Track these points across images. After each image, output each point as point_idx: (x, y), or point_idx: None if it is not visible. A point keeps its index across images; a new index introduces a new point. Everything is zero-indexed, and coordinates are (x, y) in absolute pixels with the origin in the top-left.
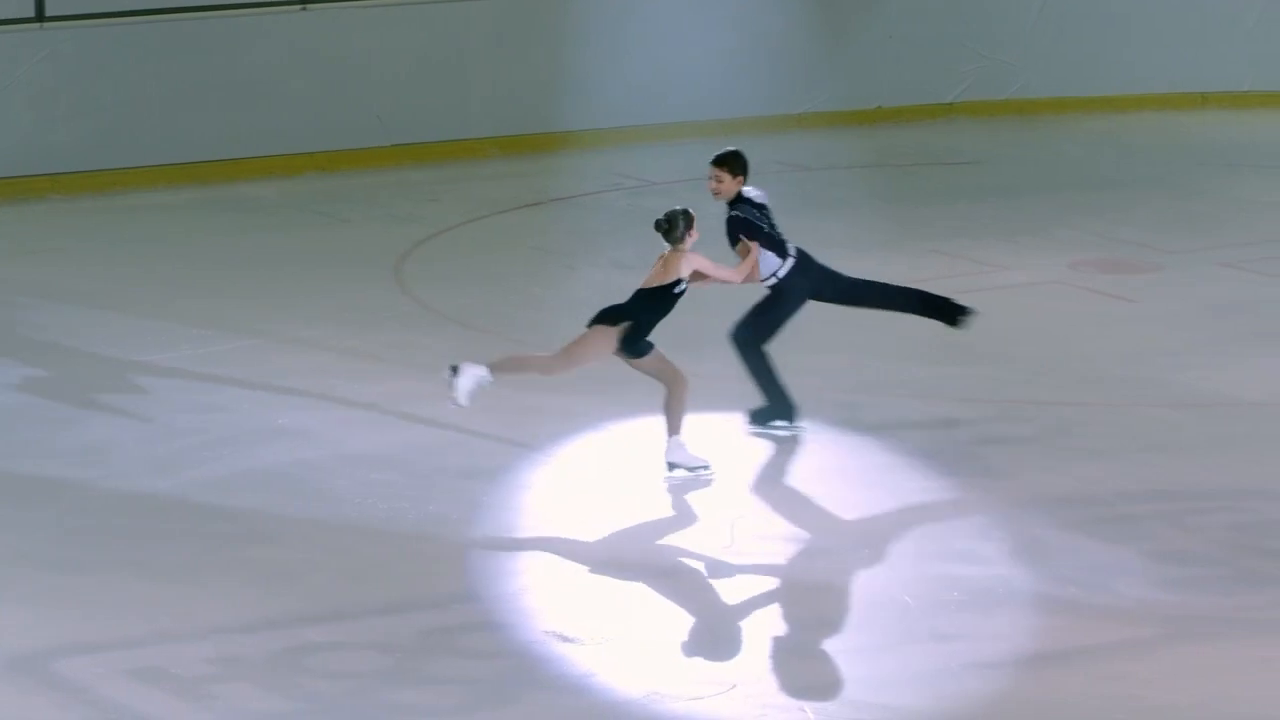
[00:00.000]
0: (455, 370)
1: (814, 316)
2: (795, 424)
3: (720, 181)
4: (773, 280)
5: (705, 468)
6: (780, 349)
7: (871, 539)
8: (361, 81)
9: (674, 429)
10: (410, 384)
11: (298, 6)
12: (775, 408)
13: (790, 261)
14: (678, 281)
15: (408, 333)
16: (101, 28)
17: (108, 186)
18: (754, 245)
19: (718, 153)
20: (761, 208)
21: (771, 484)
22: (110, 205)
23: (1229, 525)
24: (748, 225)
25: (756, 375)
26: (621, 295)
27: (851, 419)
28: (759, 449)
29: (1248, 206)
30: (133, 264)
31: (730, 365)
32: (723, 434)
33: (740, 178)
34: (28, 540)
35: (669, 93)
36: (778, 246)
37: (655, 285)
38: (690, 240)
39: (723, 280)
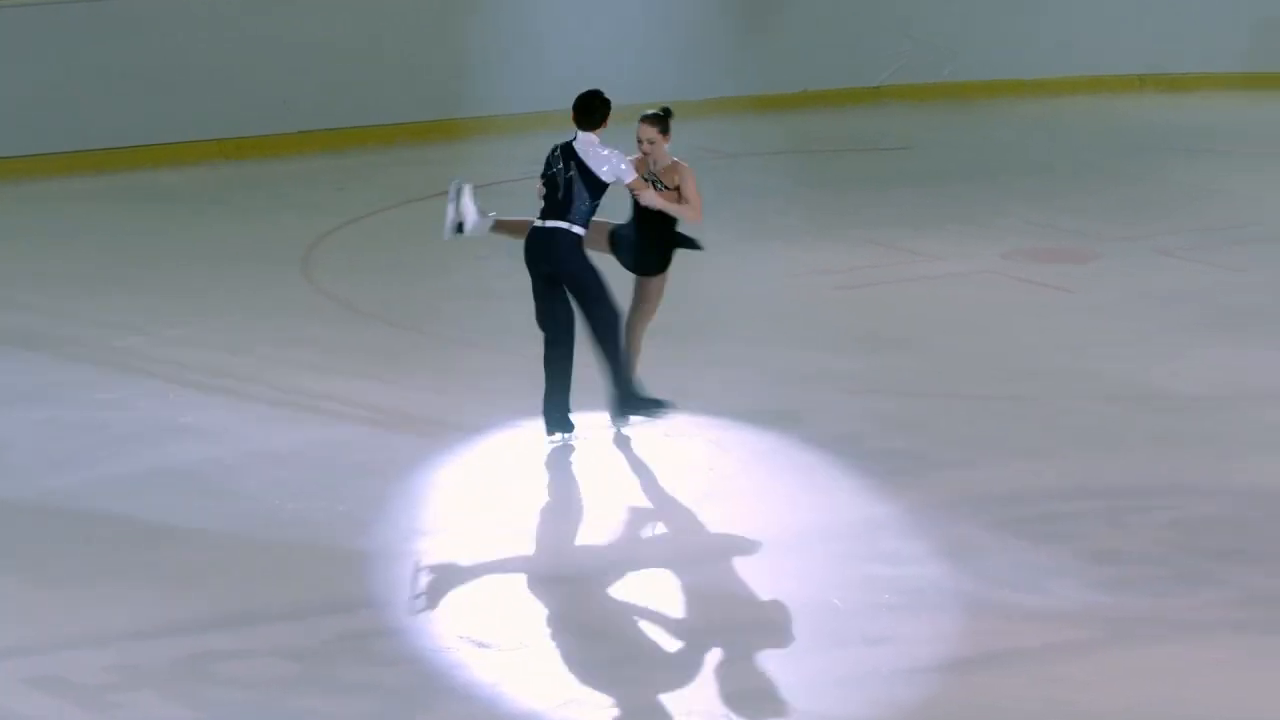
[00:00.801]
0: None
1: (738, 310)
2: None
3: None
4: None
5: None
6: (706, 341)
7: (797, 539)
8: (268, 65)
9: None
10: (318, 379)
11: None
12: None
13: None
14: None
15: (316, 326)
16: (6, 8)
17: (6, 175)
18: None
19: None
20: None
21: (693, 484)
22: (7, 194)
23: (1166, 523)
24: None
25: (618, 359)
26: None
27: (775, 413)
28: (679, 447)
29: (1188, 192)
30: (30, 255)
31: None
32: (643, 432)
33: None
34: None
35: (584, 77)
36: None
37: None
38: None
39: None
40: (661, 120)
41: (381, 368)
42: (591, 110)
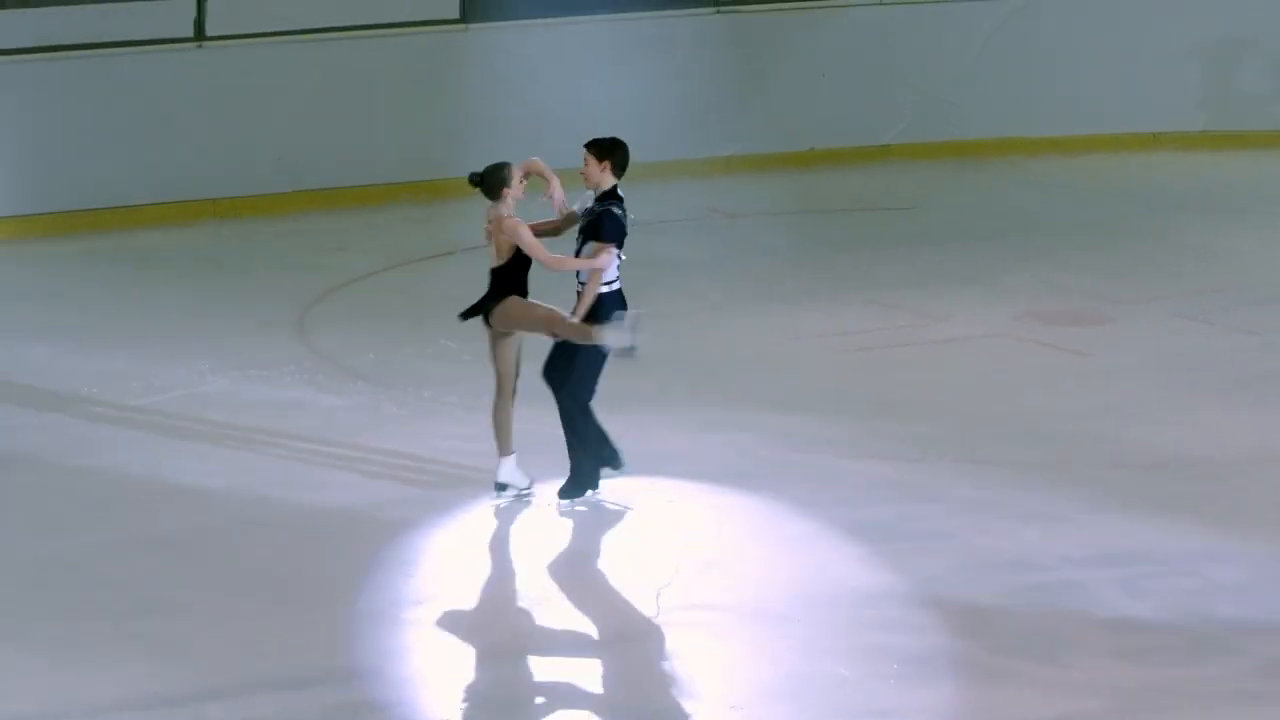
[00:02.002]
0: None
1: (739, 372)
2: (598, 489)
3: (586, 165)
4: (604, 289)
5: (530, 490)
6: (705, 405)
7: (802, 609)
8: (262, 123)
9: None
10: (313, 443)
11: (194, 43)
12: (584, 474)
13: (617, 285)
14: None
15: (312, 389)
16: None
17: None
18: (610, 250)
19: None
20: (625, 215)
21: (699, 550)
22: None
23: (1183, 591)
24: (618, 229)
25: (573, 430)
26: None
27: (782, 479)
28: (683, 512)
29: (1202, 253)
30: (20, 317)
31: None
32: (646, 499)
33: (607, 164)
34: None
35: (586, 135)
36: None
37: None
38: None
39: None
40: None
41: (378, 432)
42: (628, 156)
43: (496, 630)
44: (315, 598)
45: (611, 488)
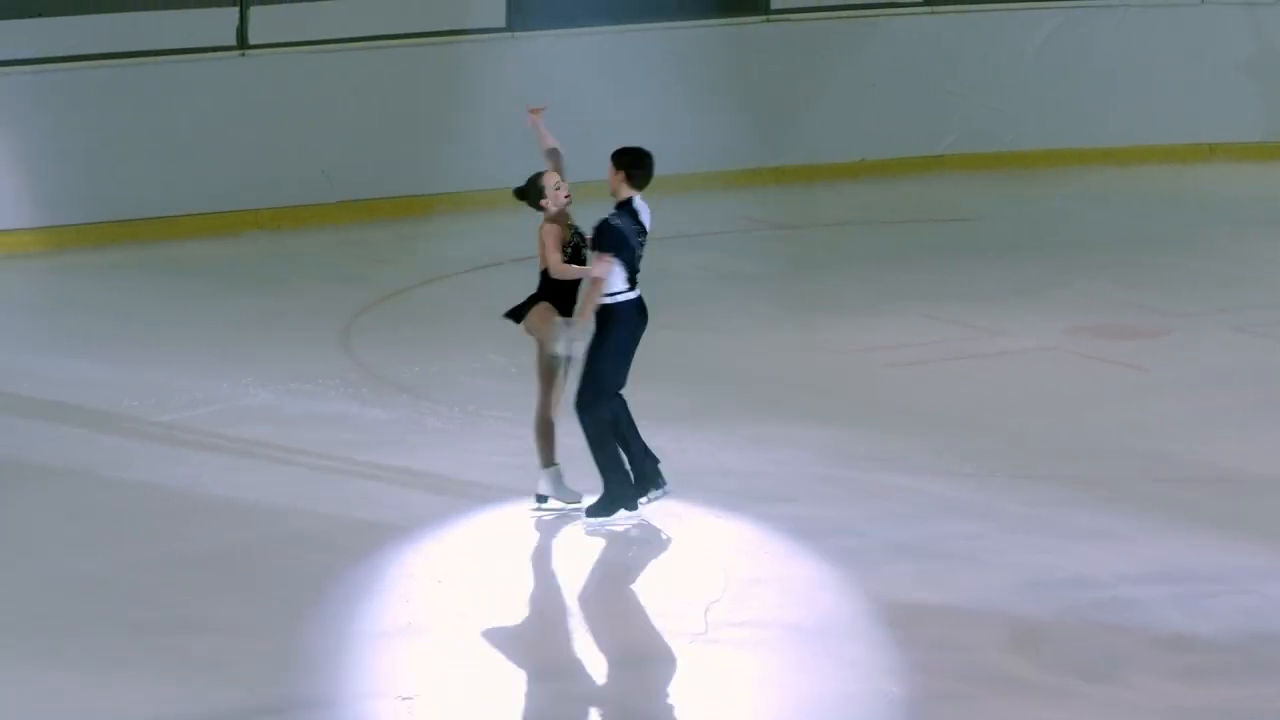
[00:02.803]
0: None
1: (787, 386)
2: (637, 509)
3: (609, 175)
4: (607, 300)
5: (578, 503)
6: (753, 419)
7: (850, 625)
8: (307, 133)
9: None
10: (357, 458)
11: (237, 51)
12: (616, 495)
13: (633, 295)
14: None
15: (355, 403)
16: (21, 74)
17: (29, 246)
18: (608, 259)
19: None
20: (641, 229)
21: (746, 566)
22: (33, 266)
23: (1241, 610)
24: (615, 239)
25: (596, 449)
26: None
27: (831, 495)
28: (732, 527)
29: (1260, 265)
30: (59, 330)
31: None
32: (693, 514)
33: (622, 174)
34: None
35: (633, 145)
36: (630, 273)
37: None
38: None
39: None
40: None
41: (421, 447)
42: (650, 170)
43: (540, 648)
44: (353, 615)
45: (652, 510)
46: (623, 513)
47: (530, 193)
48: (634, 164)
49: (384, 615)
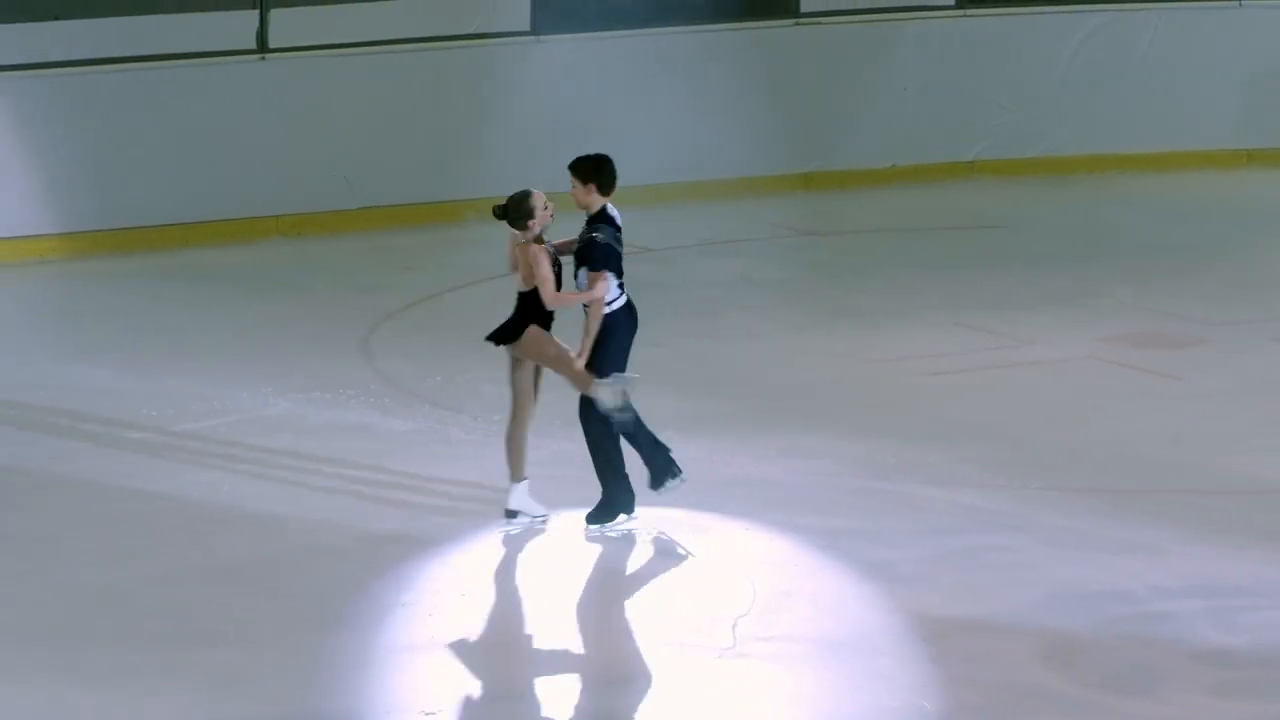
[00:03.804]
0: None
1: (817, 396)
2: (633, 514)
3: (572, 188)
4: (608, 308)
5: (545, 518)
6: (782, 429)
7: (884, 639)
8: (328, 138)
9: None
10: (378, 468)
11: (257, 55)
12: (615, 500)
13: (623, 300)
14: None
15: (377, 413)
16: (38, 79)
17: (47, 253)
18: (605, 277)
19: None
20: (618, 231)
21: (773, 579)
22: (48, 274)
23: (1279, 624)
24: (607, 254)
25: (597, 454)
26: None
27: (863, 507)
28: (757, 539)
29: None
30: (74, 339)
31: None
32: (722, 526)
33: (592, 186)
34: None
35: (663, 152)
36: (620, 279)
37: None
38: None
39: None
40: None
41: (444, 459)
42: (613, 172)
43: (567, 662)
44: (376, 629)
45: (679, 522)
46: (622, 516)
47: (517, 212)
48: (599, 172)
49: (408, 630)
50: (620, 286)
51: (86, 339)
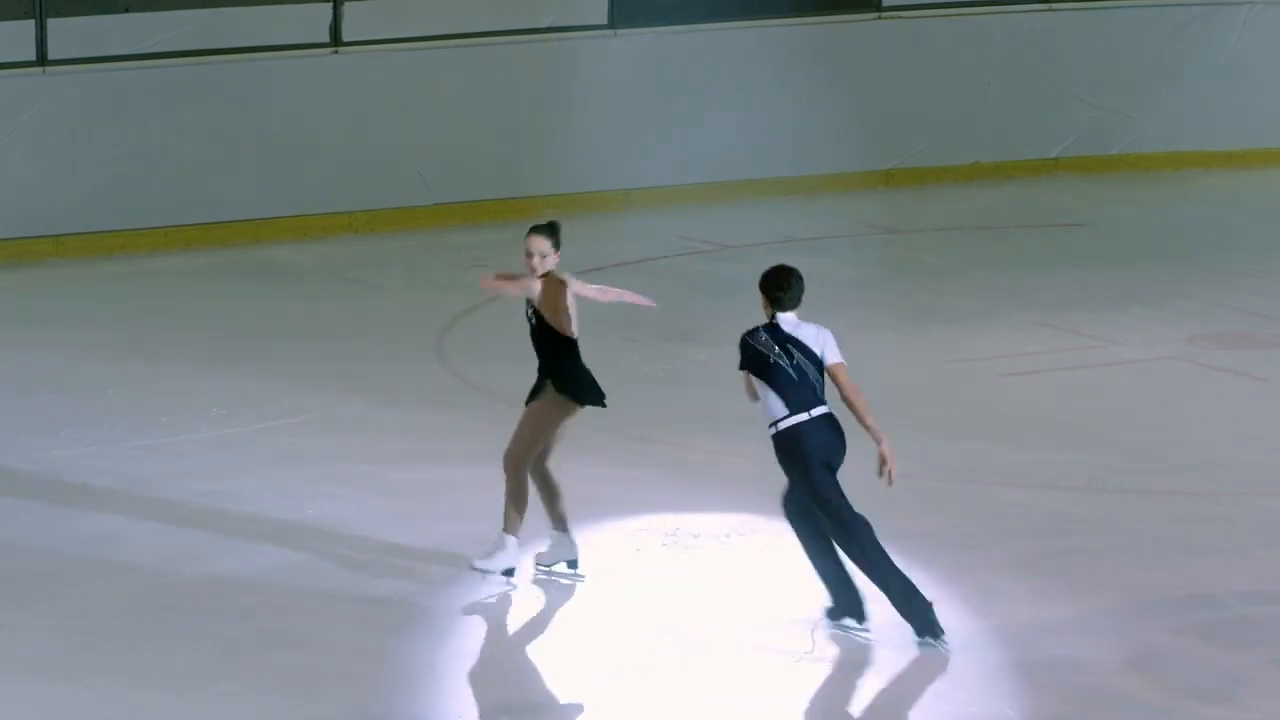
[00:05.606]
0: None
1: (897, 396)
2: (866, 623)
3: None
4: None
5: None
6: (864, 431)
7: (968, 643)
8: (401, 132)
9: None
10: (451, 470)
11: (329, 48)
12: (841, 600)
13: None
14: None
15: (451, 413)
16: (110, 72)
17: (117, 250)
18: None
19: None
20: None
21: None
22: (119, 271)
23: None
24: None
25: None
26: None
27: (943, 509)
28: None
29: None
30: (145, 336)
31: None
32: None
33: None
34: (17, 643)
35: (741, 148)
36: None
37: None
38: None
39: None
40: (554, 232)
41: None
42: (794, 289)
43: (644, 668)
44: (454, 632)
45: (756, 528)
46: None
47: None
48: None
49: (482, 633)
50: (789, 405)
51: (155, 336)
